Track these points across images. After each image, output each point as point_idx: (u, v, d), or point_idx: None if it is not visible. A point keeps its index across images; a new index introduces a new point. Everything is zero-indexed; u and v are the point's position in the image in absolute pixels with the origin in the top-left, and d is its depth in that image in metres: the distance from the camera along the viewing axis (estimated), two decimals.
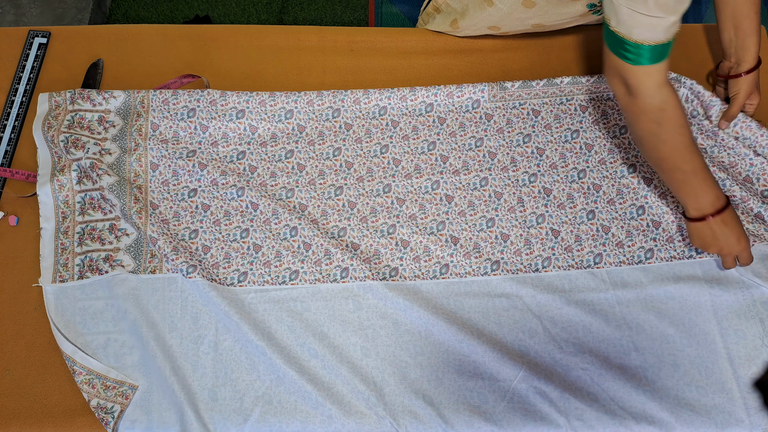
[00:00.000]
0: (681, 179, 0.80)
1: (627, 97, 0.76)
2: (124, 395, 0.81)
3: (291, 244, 0.89)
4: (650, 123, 0.77)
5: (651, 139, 0.78)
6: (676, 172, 0.79)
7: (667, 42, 0.70)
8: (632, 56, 0.72)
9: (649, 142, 0.79)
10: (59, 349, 0.83)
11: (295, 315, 0.85)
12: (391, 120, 0.97)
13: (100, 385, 0.81)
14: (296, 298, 0.87)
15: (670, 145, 0.77)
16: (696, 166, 0.78)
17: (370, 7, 1.84)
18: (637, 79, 0.74)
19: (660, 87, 0.74)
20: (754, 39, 0.88)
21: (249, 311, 0.85)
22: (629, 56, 0.72)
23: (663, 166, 0.80)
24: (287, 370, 0.81)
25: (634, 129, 0.80)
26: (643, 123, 0.77)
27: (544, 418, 0.79)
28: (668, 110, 0.75)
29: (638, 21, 0.68)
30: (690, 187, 0.80)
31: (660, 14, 0.67)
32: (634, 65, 0.72)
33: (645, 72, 0.73)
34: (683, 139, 0.77)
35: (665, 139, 0.77)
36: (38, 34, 1.03)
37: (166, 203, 0.92)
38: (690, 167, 0.78)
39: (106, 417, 0.79)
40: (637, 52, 0.71)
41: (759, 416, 0.80)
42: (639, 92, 0.75)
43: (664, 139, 0.77)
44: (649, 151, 0.80)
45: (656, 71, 0.73)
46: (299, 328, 0.84)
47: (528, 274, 0.88)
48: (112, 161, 0.93)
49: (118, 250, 0.88)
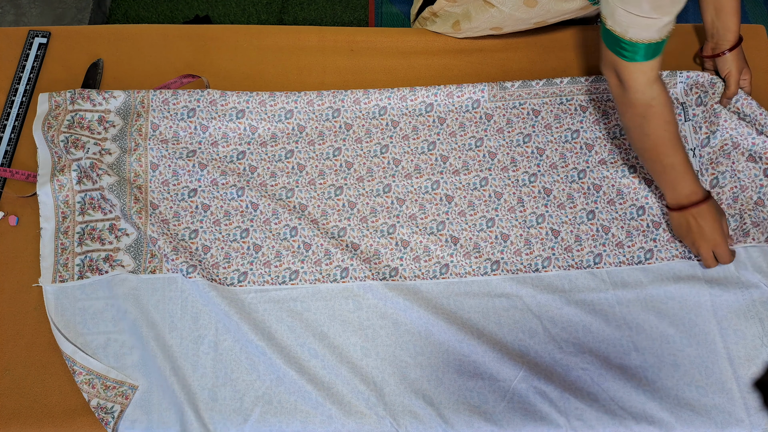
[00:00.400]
0: (661, 170, 0.84)
1: (619, 89, 0.81)
2: (124, 395, 0.81)
3: (291, 244, 0.89)
4: (637, 116, 0.81)
5: (637, 131, 0.83)
6: (657, 163, 0.83)
7: (661, 41, 0.74)
8: (628, 54, 0.75)
9: (635, 133, 0.83)
10: (59, 349, 0.83)
11: (295, 315, 0.85)
12: (391, 120, 0.97)
13: (100, 385, 0.81)
14: (296, 298, 0.87)
15: (653, 138, 0.81)
16: (676, 160, 0.82)
17: (370, 7, 1.84)
18: (629, 74, 0.77)
19: (650, 84, 0.78)
20: (734, 19, 0.92)
21: (249, 311, 0.85)
22: (625, 54, 0.75)
23: (645, 156, 0.84)
24: (287, 370, 0.81)
25: (622, 119, 0.84)
26: (631, 115, 0.81)
27: (544, 418, 0.79)
28: (655, 107, 0.79)
29: (633, 21, 0.71)
30: (669, 178, 0.84)
31: (655, 15, 0.70)
32: (629, 62, 0.75)
33: (638, 69, 0.76)
34: (667, 135, 0.81)
35: (649, 133, 0.81)
36: (38, 34, 1.03)
37: (166, 203, 0.92)
38: (670, 161, 0.82)
39: (106, 417, 0.79)
40: (632, 49, 0.74)
41: (759, 416, 0.80)
42: (630, 87, 0.78)
43: (648, 132, 0.81)
44: (634, 140, 0.84)
45: (649, 68, 0.76)
46: (299, 328, 0.84)
47: (528, 274, 0.88)
48: (112, 161, 0.93)
49: (118, 250, 0.88)
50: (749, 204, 0.91)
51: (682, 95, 0.98)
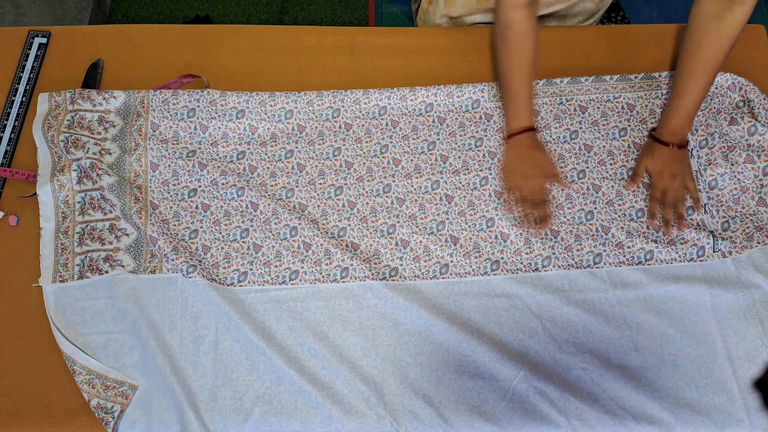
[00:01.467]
0: (507, 97, 0.91)
1: (496, 3, 0.87)
2: (124, 395, 0.81)
3: (291, 244, 0.89)
4: (498, 35, 0.88)
5: (496, 51, 0.90)
6: (504, 90, 0.91)
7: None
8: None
9: (495, 53, 0.91)
10: (59, 349, 0.83)
11: (295, 315, 0.85)
12: (391, 120, 0.97)
13: (100, 385, 0.81)
14: (296, 298, 0.87)
15: (506, 62, 0.88)
16: (519, 91, 0.87)
17: (370, 7, 1.84)
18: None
19: (516, 8, 0.84)
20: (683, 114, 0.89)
21: (249, 311, 0.85)
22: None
23: (499, 80, 0.91)
24: (287, 370, 0.81)
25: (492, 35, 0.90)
26: (494, 33, 0.90)
27: (544, 418, 0.79)
28: (512, 30, 0.85)
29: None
30: (510, 105, 0.91)
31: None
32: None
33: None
34: (517, 64, 0.86)
35: (503, 55, 0.88)
36: (38, 34, 1.03)
37: (166, 203, 0.92)
38: (515, 89, 0.89)
39: (106, 417, 0.79)
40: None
41: (759, 416, 0.80)
42: (500, 3, 0.85)
43: (502, 55, 0.88)
44: (495, 61, 0.90)
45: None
46: (299, 328, 0.84)
47: (528, 274, 0.88)
48: (112, 161, 0.93)
49: (118, 250, 0.88)
50: (750, 205, 0.91)
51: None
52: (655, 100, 0.98)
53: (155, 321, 0.84)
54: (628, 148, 0.95)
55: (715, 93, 0.96)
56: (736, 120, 0.93)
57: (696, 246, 0.88)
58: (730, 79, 0.96)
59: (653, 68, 1.01)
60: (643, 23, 1.78)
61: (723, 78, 0.96)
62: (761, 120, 0.93)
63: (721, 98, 0.96)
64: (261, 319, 0.85)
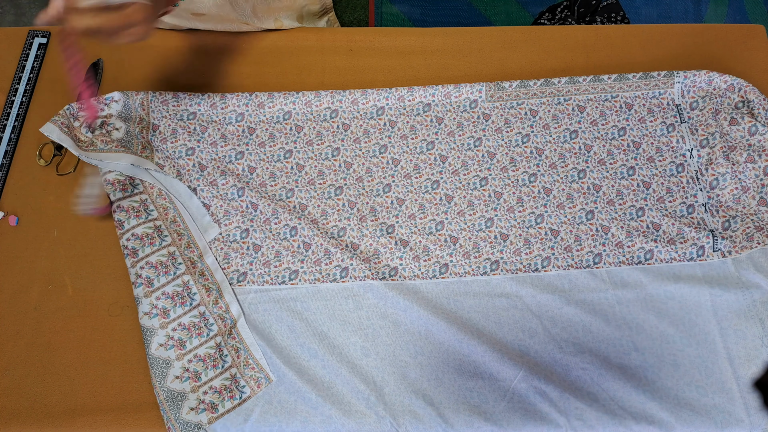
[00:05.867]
0: None
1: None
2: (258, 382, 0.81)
3: (291, 244, 0.89)
4: None
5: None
6: None
7: None
8: None
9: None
10: (59, 349, 0.83)
11: (295, 315, 0.85)
12: (389, 120, 0.98)
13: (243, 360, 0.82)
14: (296, 297, 0.87)
15: None
16: None
17: (370, 7, 1.85)
18: None
19: None
20: None
21: (249, 311, 0.85)
22: None
23: None
24: (287, 370, 0.81)
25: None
26: None
27: (544, 418, 0.79)
28: None
29: None
30: None
31: None
32: None
33: None
34: None
35: None
36: (38, 34, 1.03)
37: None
38: None
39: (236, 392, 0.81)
40: None
41: (759, 416, 0.80)
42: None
43: None
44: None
45: None
46: (299, 328, 0.85)
47: (528, 274, 0.88)
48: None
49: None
50: (751, 205, 0.91)
51: (679, 96, 0.98)
52: (652, 99, 0.98)
53: None
54: (628, 147, 0.95)
55: (713, 94, 0.96)
56: (737, 120, 0.93)
57: (696, 245, 0.88)
58: (729, 80, 0.95)
59: (653, 68, 1.01)
60: (643, 23, 1.78)
61: (722, 79, 0.96)
62: (761, 120, 0.93)
63: (719, 99, 0.96)
64: (261, 319, 0.85)
